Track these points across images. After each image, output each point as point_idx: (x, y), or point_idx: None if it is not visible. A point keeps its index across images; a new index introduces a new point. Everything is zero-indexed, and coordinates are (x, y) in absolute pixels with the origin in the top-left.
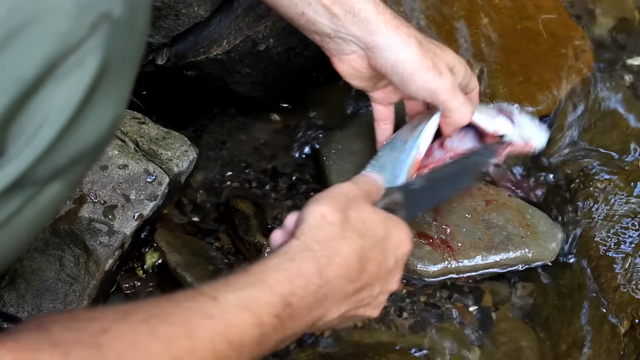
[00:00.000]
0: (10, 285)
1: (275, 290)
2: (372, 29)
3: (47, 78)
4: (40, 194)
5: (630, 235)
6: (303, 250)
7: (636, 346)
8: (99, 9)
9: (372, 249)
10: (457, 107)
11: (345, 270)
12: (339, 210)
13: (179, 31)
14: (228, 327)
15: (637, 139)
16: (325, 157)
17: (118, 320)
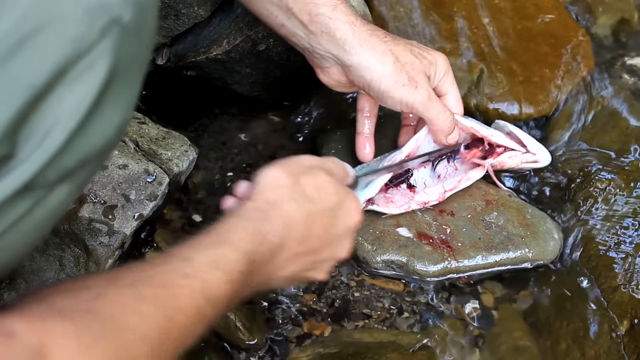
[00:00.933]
0: (10, 285)
1: (238, 247)
2: (347, 49)
3: (58, 83)
4: (49, 196)
5: (630, 235)
6: (257, 211)
7: (636, 346)
8: (109, 14)
9: (322, 215)
10: (435, 115)
11: (294, 232)
12: (291, 174)
13: (179, 31)
14: (204, 284)
15: (637, 139)
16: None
17: (107, 286)
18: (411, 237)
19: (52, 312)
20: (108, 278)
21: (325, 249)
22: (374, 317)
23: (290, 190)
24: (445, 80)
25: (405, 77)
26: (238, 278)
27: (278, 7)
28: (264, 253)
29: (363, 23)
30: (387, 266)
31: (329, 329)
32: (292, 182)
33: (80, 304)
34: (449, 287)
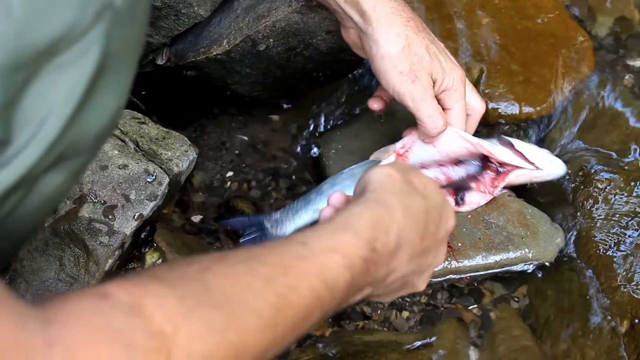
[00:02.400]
0: (10, 285)
1: (361, 234)
2: (366, 19)
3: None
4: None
5: (630, 235)
6: (380, 202)
7: (636, 346)
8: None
9: (433, 212)
10: (424, 118)
11: (415, 225)
12: (402, 172)
13: (179, 31)
14: (321, 268)
15: (637, 139)
16: (325, 157)
17: (216, 262)
18: None
19: (153, 279)
20: (217, 256)
21: (432, 251)
22: (374, 317)
23: (406, 185)
24: (453, 94)
25: (407, 66)
26: (359, 265)
27: None
28: (388, 243)
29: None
30: None
31: (329, 329)
32: (406, 179)
33: (187, 274)
34: (449, 287)
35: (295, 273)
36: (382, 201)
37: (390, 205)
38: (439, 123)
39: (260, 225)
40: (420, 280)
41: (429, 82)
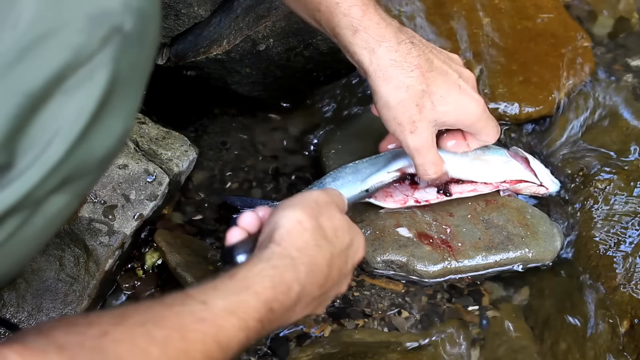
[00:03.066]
0: (10, 285)
1: (260, 296)
2: (364, 71)
3: (56, 91)
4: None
5: (630, 235)
6: (284, 258)
7: (636, 346)
8: (111, 23)
9: (339, 257)
10: (417, 165)
11: (318, 278)
12: (313, 217)
13: (179, 31)
14: (218, 330)
15: (637, 139)
16: (325, 157)
17: (116, 324)
18: (411, 237)
19: (52, 346)
20: (117, 315)
21: (334, 288)
22: (374, 317)
23: (314, 235)
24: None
25: (406, 119)
26: (254, 326)
27: (309, 16)
28: (285, 302)
29: (388, 50)
30: (387, 266)
31: (329, 328)
32: (315, 226)
33: (86, 340)
34: (448, 287)
35: (191, 337)
36: (287, 257)
37: (294, 263)
38: (430, 171)
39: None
40: (318, 309)
41: (430, 131)
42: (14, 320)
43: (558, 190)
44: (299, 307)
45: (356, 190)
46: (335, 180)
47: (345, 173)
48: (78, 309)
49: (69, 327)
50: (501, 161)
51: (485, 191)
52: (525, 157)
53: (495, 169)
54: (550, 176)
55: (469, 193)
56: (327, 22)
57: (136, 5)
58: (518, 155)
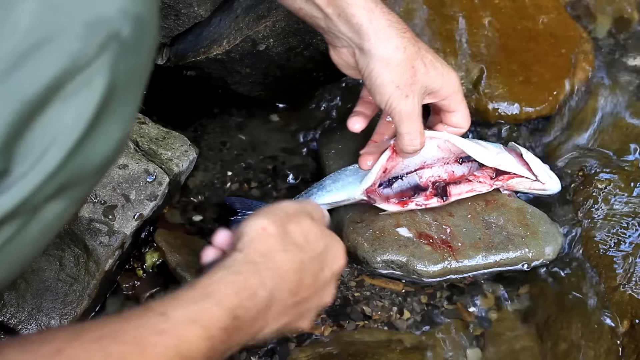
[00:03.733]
0: (10, 285)
1: (223, 303)
2: (362, 35)
3: (53, 98)
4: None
5: (630, 235)
6: (247, 263)
7: (636, 346)
8: (108, 29)
9: (311, 263)
10: (404, 134)
11: (286, 284)
12: (279, 223)
13: (179, 31)
14: (179, 341)
15: (637, 139)
16: (325, 157)
17: (70, 340)
18: (411, 237)
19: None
20: (73, 331)
21: (314, 297)
22: (374, 317)
23: (280, 240)
24: (455, 98)
25: (404, 80)
26: (219, 335)
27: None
28: (252, 308)
29: (383, 11)
30: (387, 266)
31: (329, 329)
32: (281, 232)
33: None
34: (449, 287)
35: (151, 351)
36: (249, 263)
37: (257, 268)
38: (416, 141)
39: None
40: (302, 322)
41: (421, 97)
42: (15, 321)
43: (560, 190)
44: (270, 316)
45: (356, 192)
46: (336, 182)
47: (345, 175)
48: (78, 309)
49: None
50: (495, 151)
51: (482, 190)
52: (518, 151)
53: (489, 154)
54: (548, 172)
55: (467, 194)
56: None
57: (133, 11)
58: (513, 151)
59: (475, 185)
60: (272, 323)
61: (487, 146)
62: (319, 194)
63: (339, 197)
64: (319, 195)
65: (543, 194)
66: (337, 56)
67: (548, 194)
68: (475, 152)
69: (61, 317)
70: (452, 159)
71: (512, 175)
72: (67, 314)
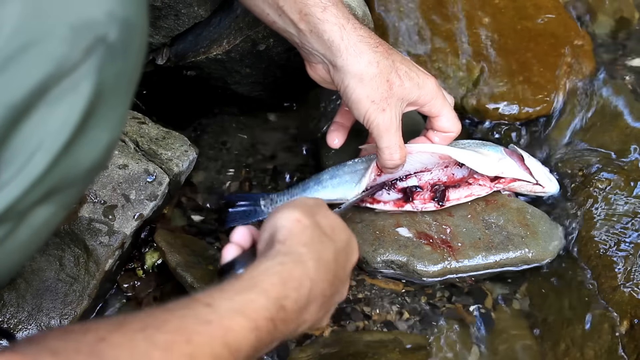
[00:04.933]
0: (10, 285)
1: (269, 293)
2: (334, 51)
3: (39, 103)
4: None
5: (630, 235)
6: (291, 254)
7: (636, 346)
8: (94, 33)
9: (341, 254)
10: (383, 148)
11: (326, 275)
12: (310, 215)
13: (179, 31)
14: (225, 332)
15: (637, 139)
16: (325, 157)
17: (114, 330)
18: (411, 237)
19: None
20: (116, 321)
21: (338, 293)
22: (374, 317)
23: (315, 232)
24: (435, 104)
25: (379, 95)
26: (265, 325)
27: (269, 5)
28: (298, 299)
29: (355, 27)
30: (387, 266)
31: (329, 329)
32: (314, 223)
33: (82, 346)
34: (449, 287)
35: (197, 340)
36: (293, 253)
37: (302, 259)
38: (395, 156)
39: (255, 201)
40: (324, 321)
41: (399, 110)
42: (15, 321)
43: (558, 191)
44: (312, 306)
45: (350, 193)
46: (333, 178)
47: (342, 172)
48: (78, 309)
49: (64, 334)
50: (496, 158)
51: (482, 194)
52: (521, 155)
53: (490, 162)
54: (548, 175)
55: (465, 199)
56: (294, 5)
57: (121, 15)
58: (514, 154)
59: (474, 189)
60: (313, 316)
61: (488, 153)
62: (315, 187)
63: (334, 195)
64: (315, 190)
65: (544, 196)
66: (313, 72)
67: (548, 196)
68: (476, 163)
69: (61, 317)
70: (452, 162)
71: (513, 179)
72: (67, 314)
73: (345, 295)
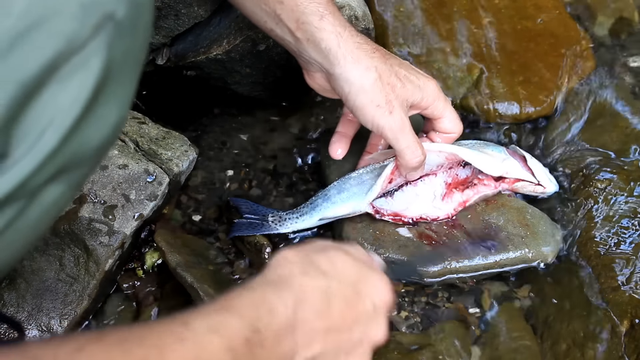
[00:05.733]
0: (10, 285)
1: (242, 314)
2: (331, 59)
3: (50, 80)
4: (42, 195)
5: (630, 235)
6: (265, 284)
7: (636, 346)
8: (103, 10)
9: (341, 289)
10: (403, 149)
11: (311, 306)
12: (303, 254)
13: (179, 31)
14: (200, 350)
15: (637, 139)
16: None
17: (92, 342)
18: (411, 237)
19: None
20: (95, 334)
21: (355, 328)
22: None
23: (301, 266)
24: (437, 105)
25: (383, 98)
26: (240, 347)
27: (267, 13)
28: (273, 323)
29: (351, 34)
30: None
31: None
32: (303, 258)
33: (60, 354)
34: (448, 287)
35: (171, 356)
36: (267, 282)
37: (277, 288)
38: (417, 152)
39: (263, 215)
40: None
41: (405, 111)
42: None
43: (556, 191)
44: (299, 338)
45: (362, 204)
46: (341, 192)
47: (349, 185)
48: (78, 309)
49: (44, 342)
50: (500, 158)
51: (488, 193)
52: (523, 155)
53: (496, 162)
54: (548, 175)
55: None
56: (291, 13)
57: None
58: (516, 154)
59: (481, 189)
60: (305, 347)
61: (492, 153)
62: (324, 205)
63: (345, 210)
64: (324, 207)
65: (543, 196)
66: (312, 80)
67: (547, 195)
68: (481, 163)
69: (61, 317)
70: (456, 163)
71: (517, 180)
72: (67, 314)
73: (380, 336)
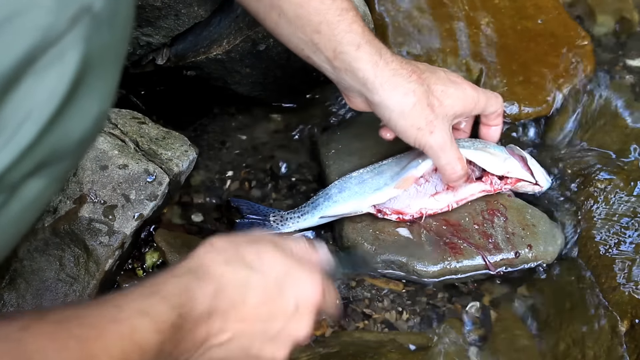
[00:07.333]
0: (10, 285)
1: (168, 299)
2: (369, 87)
3: (26, 73)
4: (23, 189)
5: (630, 235)
6: (188, 271)
7: (636, 346)
8: (80, 3)
9: (262, 282)
10: (445, 165)
11: (228, 295)
12: (231, 242)
13: (179, 31)
14: (133, 331)
15: (637, 139)
16: (325, 157)
17: (36, 320)
18: (411, 237)
19: None
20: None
21: (272, 322)
22: (374, 317)
23: (225, 255)
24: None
25: (423, 120)
26: (168, 330)
27: (304, 42)
28: (196, 310)
29: (387, 62)
30: (387, 266)
31: (329, 329)
32: (228, 248)
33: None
34: (449, 287)
35: (109, 336)
36: (188, 270)
37: (197, 276)
38: (457, 168)
39: (264, 215)
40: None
41: (447, 127)
42: None
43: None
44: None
45: (363, 205)
46: (342, 191)
47: (351, 184)
48: None
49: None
50: (502, 157)
51: (491, 190)
52: (522, 155)
53: (498, 161)
54: (545, 175)
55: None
56: (328, 43)
57: None
58: (516, 154)
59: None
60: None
61: (494, 152)
62: (325, 204)
63: (346, 209)
64: (326, 206)
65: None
66: (354, 104)
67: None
68: (485, 161)
69: None
70: None
71: (518, 179)
72: None
73: (302, 335)
